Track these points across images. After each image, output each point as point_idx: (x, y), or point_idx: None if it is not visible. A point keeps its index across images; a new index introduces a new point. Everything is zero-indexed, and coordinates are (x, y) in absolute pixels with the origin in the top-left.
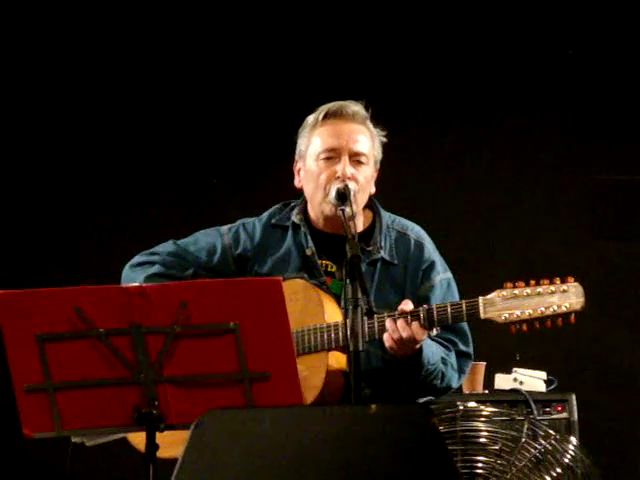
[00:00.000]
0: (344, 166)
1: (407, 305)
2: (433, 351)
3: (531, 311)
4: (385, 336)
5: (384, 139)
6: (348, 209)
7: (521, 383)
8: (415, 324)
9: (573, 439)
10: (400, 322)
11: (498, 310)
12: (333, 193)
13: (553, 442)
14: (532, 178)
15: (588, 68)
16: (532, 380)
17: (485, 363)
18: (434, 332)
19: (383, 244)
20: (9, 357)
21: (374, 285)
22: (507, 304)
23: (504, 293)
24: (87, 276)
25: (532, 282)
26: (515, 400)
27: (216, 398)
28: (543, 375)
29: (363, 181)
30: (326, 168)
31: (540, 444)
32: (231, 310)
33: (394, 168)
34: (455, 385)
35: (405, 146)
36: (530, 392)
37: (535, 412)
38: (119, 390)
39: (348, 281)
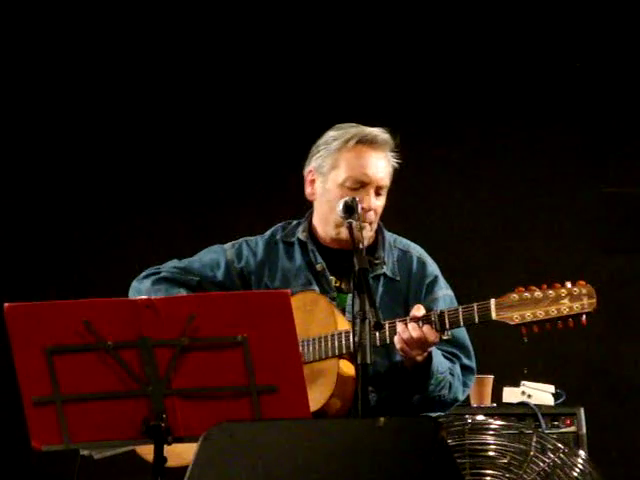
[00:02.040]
0: (370, 199)
1: (419, 310)
2: (441, 361)
3: (542, 312)
4: (396, 338)
5: (396, 165)
6: (355, 221)
7: (529, 396)
8: (426, 327)
9: (582, 453)
10: (411, 324)
11: (510, 312)
12: (340, 206)
13: (562, 456)
14: (541, 191)
15: (597, 80)
16: (540, 393)
17: (493, 376)
18: (446, 336)
19: (386, 260)
20: (18, 369)
21: (377, 300)
22: (519, 306)
23: (516, 295)
24: (96, 289)
25: (544, 286)
26: (523, 414)
27: (224, 411)
28: (551, 388)
29: (380, 210)
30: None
31: (549, 458)
32: (239, 323)
33: (401, 181)
34: (461, 397)
35: (413, 159)
36: (538, 405)
37: (543, 426)
38: (127, 403)
39: (356, 293)
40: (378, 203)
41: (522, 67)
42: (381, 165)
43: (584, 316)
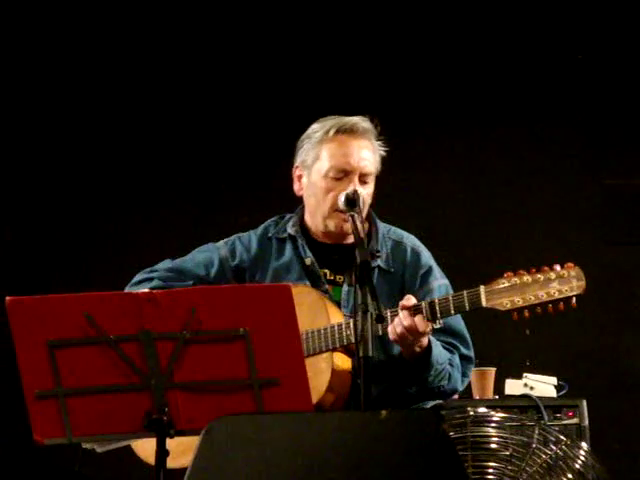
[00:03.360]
0: (355, 188)
1: (409, 300)
2: (441, 351)
3: (532, 297)
4: (389, 329)
5: (383, 153)
6: (357, 214)
7: (531, 389)
8: (418, 317)
9: (584, 445)
10: (403, 313)
11: (500, 298)
12: (342, 199)
13: (564, 448)
14: (543, 183)
15: (599, 72)
16: (542, 386)
17: (495, 369)
18: (437, 325)
19: (380, 252)
20: (20, 363)
21: None
22: (509, 291)
23: (505, 281)
24: (97, 283)
25: (532, 270)
26: (526, 406)
27: (226, 404)
28: (553, 380)
29: (368, 199)
30: (335, 187)
31: (551, 450)
32: (241, 316)
33: (402, 173)
34: (460, 388)
35: (413, 151)
36: (541, 398)
37: (546, 418)
38: (129, 396)
39: (358, 286)
40: (364, 191)
41: (523, 60)
42: (363, 153)
43: (574, 298)
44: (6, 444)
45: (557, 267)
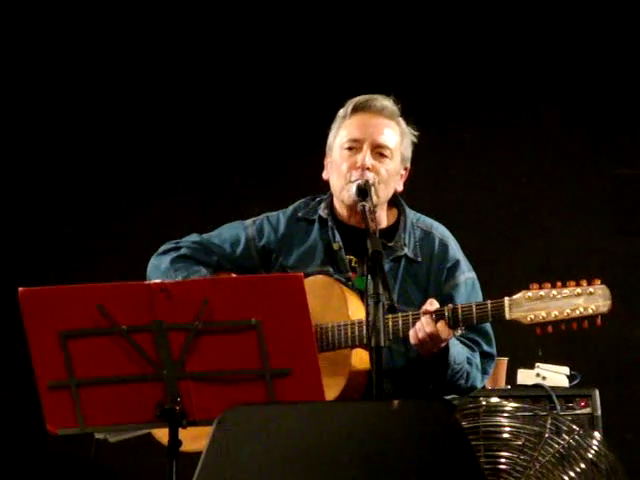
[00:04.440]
0: (364, 156)
1: (432, 305)
2: (459, 351)
3: (557, 313)
4: (411, 333)
5: (415, 138)
6: (368, 205)
7: (544, 378)
8: (440, 323)
9: (597, 434)
10: (425, 318)
11: (524, 311)
12: (354, 189)
13: (576, 437)
14: (554, 173)
15: (610, 62)
16: (555, 375)
17: (507, 358)
18: (459, 332)
19: (407, 242)
20: (32, 354)
21: (398, 282)
22: (533, 305)
23: (530, 294)
24: (109, 273)
25: (558, 284)
26: (538, 395)
27: (238, 394)
28: (566, 370)
29: (384, 174)
30: (348, 158)
31: (563, 439)
32: (253, 306)
33: (416, 164)
34: (479, 385)
35: (423, 142)
36: (553, 387)
37: (558, 407)
38: (142, 386)
39: (369, 276)
40: (377, 164)
41: (536, 50)
42: (379, 127)
43: (599, 317)
44: (19, 434)
45: (584, 283)
